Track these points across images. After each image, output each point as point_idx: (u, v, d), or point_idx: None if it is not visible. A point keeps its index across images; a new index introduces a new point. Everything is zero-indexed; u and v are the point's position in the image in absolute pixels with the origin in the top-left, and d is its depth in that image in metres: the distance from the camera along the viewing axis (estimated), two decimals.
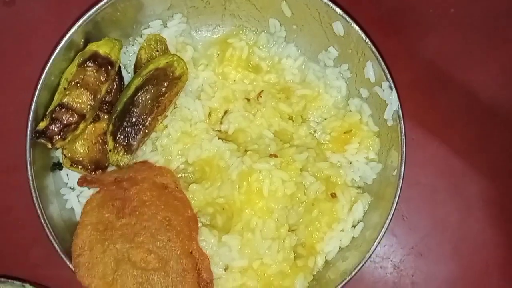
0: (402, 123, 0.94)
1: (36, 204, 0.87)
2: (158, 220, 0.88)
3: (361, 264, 0.90)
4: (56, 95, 0.91)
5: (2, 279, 0.90)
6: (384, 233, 0.91)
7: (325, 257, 0.98)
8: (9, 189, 1.03)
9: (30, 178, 0.87)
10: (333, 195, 0.98)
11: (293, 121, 1.04)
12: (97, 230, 0.86)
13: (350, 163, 1.02)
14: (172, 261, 0.85)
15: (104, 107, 0.96)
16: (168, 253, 0.85)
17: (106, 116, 0.96)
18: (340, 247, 0.98)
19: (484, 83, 1.11)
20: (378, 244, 0.91)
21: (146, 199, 0.90)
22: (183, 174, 0.99)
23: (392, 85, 0.95)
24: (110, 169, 0.96)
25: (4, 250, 1.01)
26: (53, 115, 0.88)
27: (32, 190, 0.87)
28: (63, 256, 0.85)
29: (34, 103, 0.89)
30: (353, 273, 0.90)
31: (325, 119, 1.05)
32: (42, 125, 0.88)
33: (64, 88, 0.90)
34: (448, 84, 1.11)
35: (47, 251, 0.97)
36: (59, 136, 0.87)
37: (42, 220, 0.87)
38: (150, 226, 0.87)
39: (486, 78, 1.11)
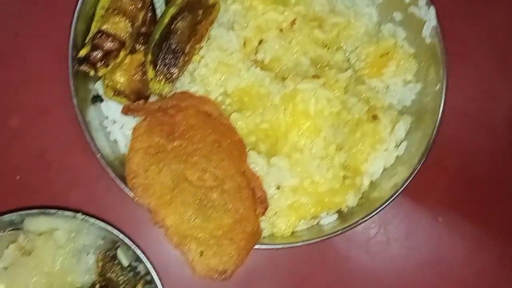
0: (441, 37, 0.94)
1: (87, 134, 0.85)
2: (208, 142, 0.87)
3: (412, 176, 0.90)
4: (94, 23, 0.89)
5: (52, 210, 0.87)
6: (432, 145, 0.92)
7: (371, 177, 0.98)
8: (45, 128, 1.01)
9: (77, 108, 0.85)
10: (375, 117, 0.98)
11: (328, 49, 1.03)
12: (149, 154, 0.84)
13: (387, 87, 1.02)
14: (227, 179, 0.85)
15: (140, 39, 0.94)
16: (222, 172, 0.85)
17: (142, 48, 0.94)
18: (384, 167, 0.98)
19: None
20: (426, 156, 0.91)
21: (193, 124, 0.89)
22: (222, 107, 0.98)
23: (429, 0, 0.95)
24: (151, 99, 0.94)
25: (52, 182, 0.98)
26: (94, 42, 0.86)
27: (81, 120, 0.85)
28: (117, 181, 0.84)
29: (72, 31, 0.87)
30: (404, 185, 0.90)
31: (357, 47, 1.05)
32: (83, 52, 0.86)
33: (102, 16, 0.88)
34: None
35: (97, 182, 0.96)
36: (102, 63, 0.85)
37: (95, 150, 0.85)
38: (202, 148, 0.86)
39: None
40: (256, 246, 0.85)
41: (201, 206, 0.82)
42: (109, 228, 0.88)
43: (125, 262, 0.97)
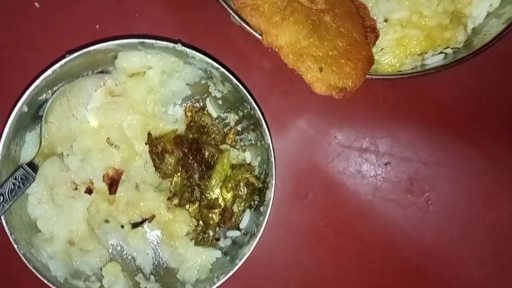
0: None
1: None
2: None
3: None
4: None
5: (151, 41, 0.81)
6: None
7: (474, 22, 0.92)
8: None
9: None
10: None
11: None
12: None
13: None
14: (337, 3, 0.79)
15: None
16: None
17: None
18: (488, 12, 0.92)
19: None
20: None
21: None
22: None
23: None
24: None
25: (139, 30, 0.93)
26: None
27: None
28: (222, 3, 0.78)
29: None
30: None
31: None
32: None
33: None
34: None
35: (186, 29, 0.91)
36: None
37: None
38: None
39: None
40: (367, 76, 0.81)
41: (315, 26, 0.77)
42: (210, 60, 0.83)
43: (214, 113, 0.93)
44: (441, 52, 0.90)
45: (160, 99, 0.90)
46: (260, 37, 0.79)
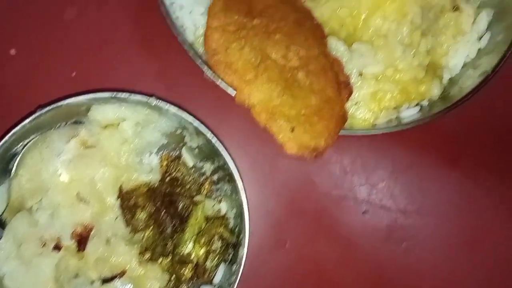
0: None
1: (163, 9, 0.79)
2: (289, 21, 0.81)
3: (503, 61, 0.85)
4: None
5: (124, 94, 0.81)
6: None
7: (451, 72, 0.92)
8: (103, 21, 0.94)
9: None
10: (456, 7, 0.92)
11: None
12: (229, 31, 0.78)
13: None
14: (311, 60, 0.79)
15: None
16: (306, 52, 0.79)
17: None
18: (465, 62, 0.93)
19: None
20: None
21: (271, 3, 0.82)
22: None
23: None
24: None
25: (110, 78, 0.93)
26: None
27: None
28: (196, 60, 0.78)
29: None
30: (495, 71, 0.85)
31: None
32: None
33: None
34: None
35: (165, 77, 0.91)
36: None
37: (171, 26, 0.79)
38: (283, 27, 0.80)
39: None
40: (341, 132, 0.80)
41: (288, 84, 0.77)
42: (184, 113, 0.82)
43: (190, 163, 0.92)
44: (417, 104, 0.90)
45: (134, 149, 0.89)
46: (233, 93, 0.78)
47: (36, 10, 0.95)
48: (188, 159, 0.93)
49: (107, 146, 0.87)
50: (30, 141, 0.84)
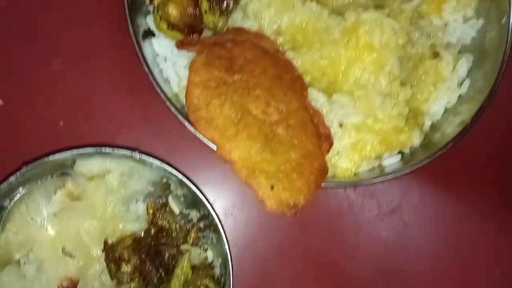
0: None
1: (145, 66, 0.80)
2: (269, 76, 0.83)
3: (481, 112, 0.86)
4: None
5: (108, 149, 0.83)
6: (500, 80, 0.87)
7: (432, 118, 0.93)
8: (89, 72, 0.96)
9: (134, 39, 0.81)
10: (436, 54, 0.93)
11: None
12: (209, 87, 0.80)
13: (446, 25, 0.97)
14: (291, 114, 0.80)
15: None
16: (286, 106, 0.80)
17: None
18: (446, 108, 0.94)
19: None
20: (495, 89, 0.87)
21: (251, 58, 0.84)
22: None
23: None
24: (204, 34, 0.89)
25: (97, 128, 0.94)
26: None
27: (138, 51, 0.81)
28: (178, 114, 0.79)
29: None
30: (474, 121, 0.86)
31: None
32: None
33: None
34: None
35: (151, 125, 0.92)
36: None
37: (154, 83, 0.80)
38: (263, 82, 0.82)
39: None
40: (322, 185, 0.81)
41: (267, 140, 0.78)
42: (167, 167, 0.84)
43: (176, 210, 0.93)
44: (399, 152, 0.91)
45: (121, 198, 0.90)
46: (215, 147, 0.80)
47: (24, 61, 0.97)
48: (175, 206, 0.94)
49: (93, 198, 0.88)
50: (17, 194, 0.85)
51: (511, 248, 1.02)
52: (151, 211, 0.94)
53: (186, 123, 0.79)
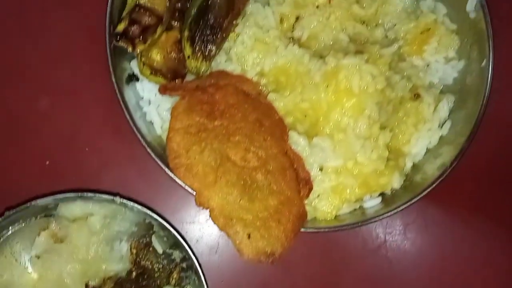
0: (487, 11, 0.91)
1: (126, 113, 0.81)
2: (249, 121, 0.84)
3: (460, 155, 0.87)
4: None
5: (89, 194, 0.84)
6: (479, 124, 0.88)
7: (413, 159, 0.94)
8: (76, 111, 0.97)
9: (116, 86, 0.82)
10: (417, 96, 0.94)
11: (366, 25, 0.99)
12: (190, 133, 0.81)
13: (427, 65, 0.98)
14: (270, 159, 0.81)
15: (175, 15, 0.90)
16: (266, 152, 0.81)
17: (177, 24, 0.90)
18: (428, 148, 0.95)
19: None
20: (475, 133, 0.87)
21: (233, 102, 0.85)
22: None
23: None
24: (188, 78, 0.90)
25: (82, 167, 0.95)
26: (132, 16, 0.82)
27: (120, 98, 0.82)
28: (157, 160, 0.80)
29: (109, 5, 0.84)
30: (453, 165, 0.86)
31: (396, 24, 1.01)
32: (121, 27, 0.82)
33: None
34: None
35: (130, 165, 0.94)
36: (140, 38, 0.82)
37: (135, 129, 0.81)
38: (243, 127, 0.83)
39: None
40: (302, 230, 0.82)
41: (246, 187, 0.79)
42: (148, 211, 0.85)
43: (159, 249, 0.94)
44: (379, 194, 0.91)
45: (104, 239, 0.91)
46: (194, 192, 0.81)
47: (10, 99, 0.98)
48: (158, 246, 0.95)
49: (76, 240, 0.89)
50: (1, 237, 0.86)
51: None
52: (134, 251, 0.95)
53: (166, 169, 0.80)
